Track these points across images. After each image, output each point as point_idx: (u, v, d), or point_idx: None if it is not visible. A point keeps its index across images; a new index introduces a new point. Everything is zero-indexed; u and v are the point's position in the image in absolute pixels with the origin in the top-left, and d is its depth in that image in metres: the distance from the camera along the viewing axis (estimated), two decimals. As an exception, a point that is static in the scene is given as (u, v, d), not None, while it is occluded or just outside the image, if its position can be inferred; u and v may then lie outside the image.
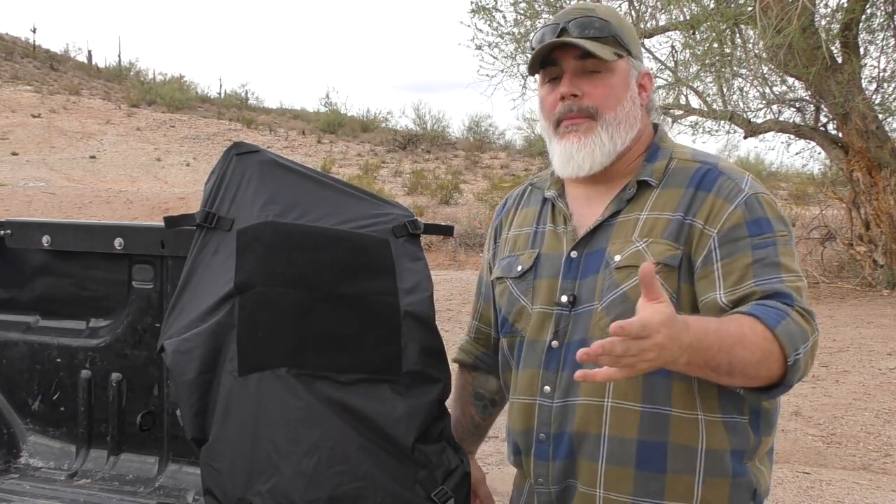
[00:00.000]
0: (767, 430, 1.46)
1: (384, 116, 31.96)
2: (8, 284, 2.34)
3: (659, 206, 1.45)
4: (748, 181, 1.44)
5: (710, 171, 1.45)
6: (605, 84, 1.47)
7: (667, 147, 1.53)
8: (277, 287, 1.67)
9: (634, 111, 1.50)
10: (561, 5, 10.88)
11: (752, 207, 1.40)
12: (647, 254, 1.40)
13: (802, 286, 1.36)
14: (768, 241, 1.38)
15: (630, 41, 1.51)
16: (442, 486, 1.65)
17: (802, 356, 1.29)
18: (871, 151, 10.06)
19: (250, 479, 1.58)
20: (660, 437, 1.40)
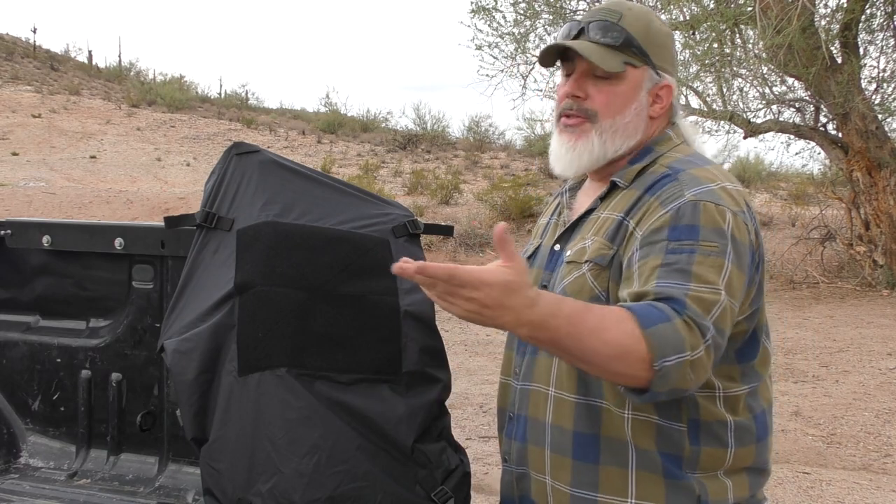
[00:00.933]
0: (714, 444, 1.40)
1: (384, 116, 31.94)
2: (8, 284, 2.34)
3: (614, 207, 1.46)
4: (699, 190, 1.36)
5: (667, 177, 1.42)
6: (609, 91, 1.47)
7: (659, 150, 1.51)
8: (277, 287, 1.67)
9: (636, 122, 1.49)
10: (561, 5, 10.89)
11: (682, 213, 1.34)
12: (588, 251, 1.43)
13: (710, 300, 1.27)
14: (685, 247, 1.31)
15: (655, 51, 1.49)
16: (442, 485, 1.65)
17: (674, 365, 1.21)
18: (871, 151, 10.07)
19: (250, 479, 1.58)
20: (593, 429, 1.41)
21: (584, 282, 1.41)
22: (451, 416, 1.78)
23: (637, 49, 1.47)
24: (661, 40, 1.51)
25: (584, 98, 1.49)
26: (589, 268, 1.41)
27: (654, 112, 1.51)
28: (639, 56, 1.48)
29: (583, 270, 1.42)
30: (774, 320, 8.69)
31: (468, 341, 7.43)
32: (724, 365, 1.39)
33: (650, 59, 1.49)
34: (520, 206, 15.13)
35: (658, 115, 1.52)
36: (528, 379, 1.51)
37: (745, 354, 1.44)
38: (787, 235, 13.33)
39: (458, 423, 4.92)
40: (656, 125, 1.53)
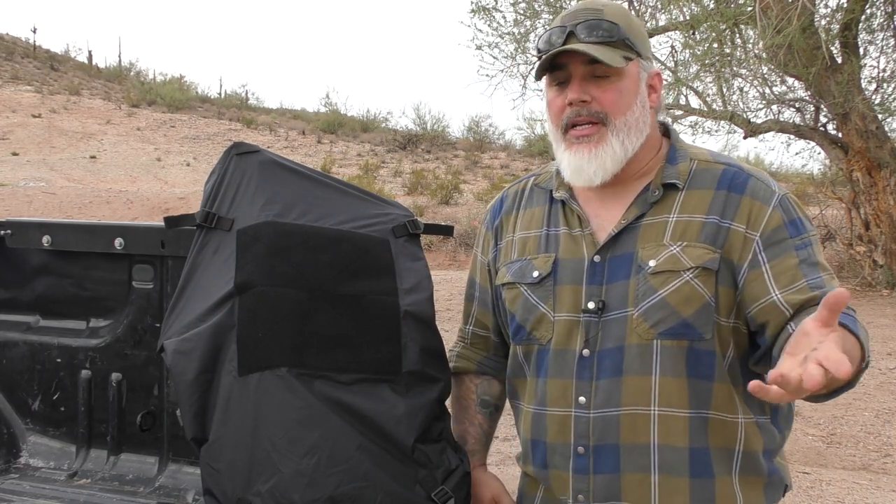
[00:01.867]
0: (787, 426, 1.49)
1: (384, 116, 31.98)
2: (8, 284, 2.34)
3: (689, 209, 1.42)
4: (773, 183, 1.45)
5: (737, 173, 1.44)
6: (614, 89, 1.43)
7: (684, 148, 1.51)
8: (277, 287, 1.67)
9: (644, 115, 1.46)
10: (561, 5, 10.89)
11: (786, 208, 1.41)
12: (684, 258, 1.39)
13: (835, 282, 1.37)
14: (806, 241, 1.40)
15: (639, 42, 1.46)
16: (442, 485, 1.65)
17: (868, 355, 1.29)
18: (871, 151, 10.07)
19: (250, 479, 1.58)
20: (703, 441, 1.39)
21: (692, 289, 1.38)
22: (451, 416, 1.78)
23: (629, 41, 1.44)
24: (640, 31, 1.49)
25: (590, 102, 1.43)
26: (695, 274, 1.38)
27: (653, 102, 1.49)
28: (632, 49, 1.45)
29: (685, 278, 1.38)
30: (774, 320, 8.66)
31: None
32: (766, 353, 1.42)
33: (641, 51, 1.47)
34: (520, 206, 15.10)
35: (655, 104, 1.50)
36: (611, 404, 1.42)
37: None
38: (787, 235, 13.27)
39: (458, 423, 4.91)
40: (654, 116, 1.51)
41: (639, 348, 1.39)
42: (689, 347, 1.39)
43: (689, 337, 1.38)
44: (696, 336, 1.39)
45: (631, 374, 1.41)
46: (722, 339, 1.40)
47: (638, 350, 1.39)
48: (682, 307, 1.37)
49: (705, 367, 1.40)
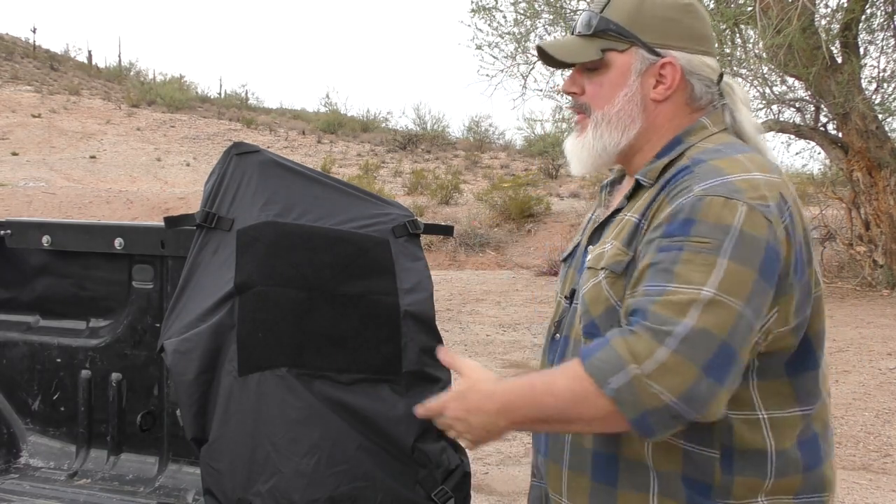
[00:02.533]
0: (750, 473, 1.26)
1: (384, 116, 31.99)
2: (8, 284, 2.34)
3: (637, 208, 1.33)
4: (713, 182, 1.22)
5: (685, 169, 1.28)
6: (597, 82, 1.39)
7: (689, 141, 1.36)
8: (277, 287, 1.67)
9: (630, 109, 1.37)
10: (561, 5, 10.89)
11: (684, 208, 1.21)
12: (605, 257, 1.32)
13: (686, 300, 1.14)
14: (675, 244, 1.19)
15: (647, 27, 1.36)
16: (442, 485, 1.65)
17: (625, 384, 1.13)
18: (871, 151, 10.07)
19: (250, 478, 1.58)
20: (611, 448, 1.30)
21: (600, 290, 1.30)
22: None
23: (616, 32, 1.36)
24: (661, 14, 1.37)
25: (579, 93, 1.42)
26: (605, 275, 1.30)
27: (658, 94, 1.37)
28: (620, 38, 1.36)
29: (599, 278, 1.31)
30: (774, 320, 8.66)
31: (468, 341, 7.43)
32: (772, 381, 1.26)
33: (640, 39, 1.36)
34: (520, 206, 15.14)
35: (662, 97, 1.37)
36: None
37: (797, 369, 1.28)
38: (787, 235, 13.26)
39: (458, 423, 4.91)
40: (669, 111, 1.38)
41: (574, 341, 1.37)
42: None
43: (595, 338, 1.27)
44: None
45: None
46: None
47: (574, 343, 1.37)
48: (593, 307, 1.31)
49: None
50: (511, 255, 14.23)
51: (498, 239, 14.76)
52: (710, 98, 1.39)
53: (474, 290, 10.31)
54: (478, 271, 13.13)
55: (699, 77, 1.37)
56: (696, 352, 1.13)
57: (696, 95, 1.38)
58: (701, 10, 1.41)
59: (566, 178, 21.59)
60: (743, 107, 1.40)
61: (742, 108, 1.40)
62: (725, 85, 1.39)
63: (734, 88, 1.39)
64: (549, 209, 15.55)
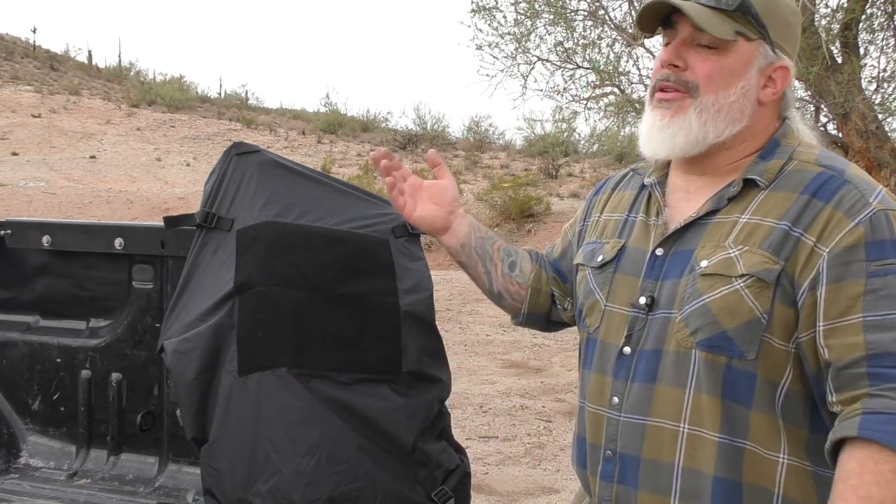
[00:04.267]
0: None
1: (384, 116, 32.01)
2: (8, 284, 2.34)
3: (763, 211, 1.23)
4: (880, 194, 1.18)
5: (832, 178, 1.21)
6: (714, 62, 1.26)
7: (789, 145, 1.29)
8: (277, 287, 1.67)
9: (743, 104, 1.27)
10: (561, 5, 10.89)
11: (877, 226, 1.15)
12: (739, 263, 1.21)
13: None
14: (890, 268, 1.12)
15: (776, 25, 1.27)
16: (442, 485, 1.65)
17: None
18: (871, 151, 10.07)
19: (250, 479, 1.58)
20: (735, 474, 1.21)
21: (741, 300, 1.19)
22: (451, 416, 1.78)
23: (754, 18, 1.25)
24: (785, 15, 1.28)
25: (683, 69, 1.28)
26: (747, 284, 1.19)
27: (766, 97, 1.28)
28: (755, 27, 1.26)
29: (735, 286, 1.20)
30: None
31: (468, 341, 7.43)
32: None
33: (768, 33, 1.26)
34: (520, 206, 15.14)
35: (769, 100, 1.29)
36: (639, 412, 1.27)
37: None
38: (787, 235, 13.27)
39: (458, 423, 4.93)
40: (767, 115, 1.31)
41: (676, 356, 1.25)
42: (727, 365, 1.21)
43: (727, 353, 1.20)
44: (735, 353, 1.20)
45: (664, 383, 1.26)
46: (771, 362, 1.20)
47: (675, 357, 1.25)
48: (725, 318, 1.20)
49: (742, 391, 1.21)
50: (511, 255, 14.21)
51: (498, 239, 14.74)
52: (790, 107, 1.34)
53: (474, 290, 10.29)
54: (478, 271, 13.10)
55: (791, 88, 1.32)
56: None
57: (787, 104, 1.33)
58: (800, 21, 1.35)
59: (566, 178, 21.60)
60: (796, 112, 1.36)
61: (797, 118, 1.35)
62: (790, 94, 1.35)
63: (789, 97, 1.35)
64: (550, 209, 15.56)
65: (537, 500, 3.93)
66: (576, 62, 11.10)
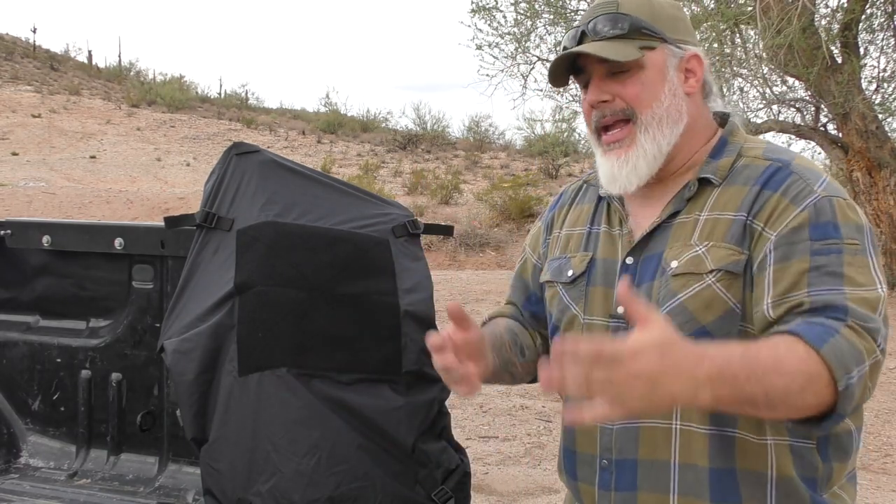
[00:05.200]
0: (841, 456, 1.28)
1: (384, 116, 32.01)
2: (8, 284, 2.34)
3: (720, 206, 1.30)
4: (824, 182, 1.26)
5: (780, 170, 1.28)
6: (635, 82, 1.33)
7: (736, 142, 1.37)
8: (277, 287, 1.67)
9: (676, 103, 1.35)
10: (562, 5, 10.89)
11: (821, 210, 1.22)
12: (708, 259, 1.26)
13: (872, 298, 1.17)
14: (832, 247, 1.20)
15: (666, 27, 1.35)
16: (442, 485, 1.65)
17: (857, 380, 1.11)
18: (871, 151, 10.07)
19: (250, 478, 1.58)
20: (728, 462, 1.25)
21: (714, 294, 1.25)
22: (451, 416, 1.78)
23: (647, 30, 1.34)
24: (669, 12, 1.37)
25: (612, 100, 1.35)
26: (717, 278, 1.25)
27: (690, 88, 1.36)
28: (652, 36, 1.34)
29: (707, 282, 1.25)
30: (774, 320, 8.66)
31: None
32: None
33: (665, 35, 1.35)
34: (520, 206, 15.15)
35: (694, 89, 1.36)
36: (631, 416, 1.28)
37: None
38: (787, 235, 13.27)
39: (458, 423, 4.93)
40: (696, 104, 1.37)
41: None
42: None
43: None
44: None
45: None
46: None
47: None
48: (702, 313, 1.25)
49: None
50: (511, 255, 14.23)
51: (498, 239, 14.76)
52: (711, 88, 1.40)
53: (474, 290, 10.31)
54: (478, 271, 13.14)
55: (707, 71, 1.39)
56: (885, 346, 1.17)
57: (708, 87, 1.39)
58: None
59: (566, 178, 21.60)
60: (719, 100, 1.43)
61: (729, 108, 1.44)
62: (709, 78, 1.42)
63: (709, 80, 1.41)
64: (549, 209, 15.54)
65: (537, 500, 3.93)
66: (576, 62, 11.09)
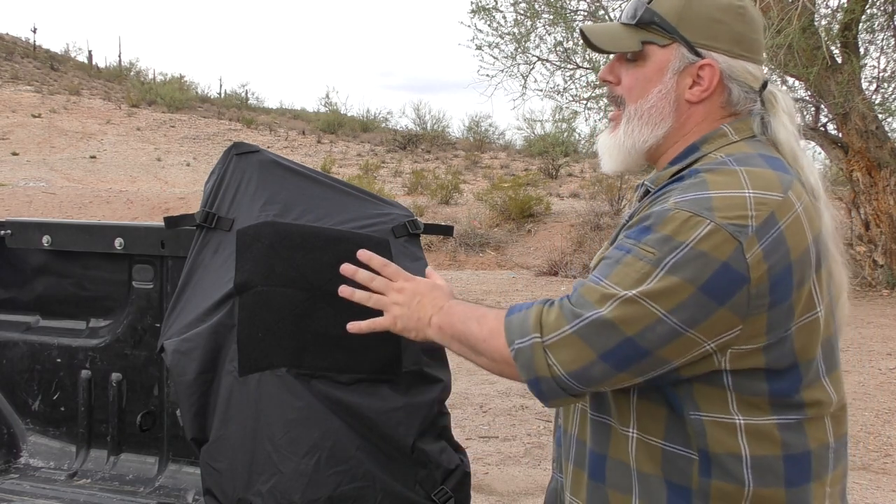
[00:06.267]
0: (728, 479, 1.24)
1: (384, 116, 32.03)
2: (8, 284, 2.34)
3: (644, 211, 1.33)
4: (690, 196, 1.22)
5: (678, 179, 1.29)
6: (633, 73, 1.35)
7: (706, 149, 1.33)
8: (277, 287, 1.67)
9: (662, 107, 1.34)
10: (561, 5, 10.89)
11: (651, 216, 1.23)
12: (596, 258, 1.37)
13: (608, 294, 1.19)
14: (626, 245, 1.23)
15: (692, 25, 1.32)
16: (442, 485, 1.65)
17: (525, 347, 1.23)
18: (871, 151, 10.07)
19: (250, 479, 1.58)
20: (603, 448, 1.34)
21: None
22: (451, 416, 1.78)
23: (660, 25, 1.33)
24: (708, 13, 1.33)
25: (615, 83, 1.38)
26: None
27: (694, 96, 1.33)
28: (663, 33, 1.33)
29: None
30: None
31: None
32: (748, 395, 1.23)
33: (685, 36, 1.32)
34: (520, 206, 15.14)
35: (699, 98, 1.33)
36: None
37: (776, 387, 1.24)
38: (787, 235, 13.26)
39: (458, 423, 4.93)
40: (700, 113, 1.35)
41: None
42: None
43: None
44: None
45: None
46: None
47: None
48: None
49: None
50: (511, 255, 14.24)
51: (498, 239, 14.76)
52: (748, 105, 1.34)
53: (474, 290, 10.30)
54: (478, 271, 13.14)
55: (739, 83, 1.33)
56: (597, 339, 1.20)
57: (733, 101, 1.34)
58: (754, 15, 1.35)
59: (566, 177, 21.60)
60: (783, 115, 1.35)
61: (782, 117, 1.35)
62: (769, 93, 1.35)
63: (777, 97, 1.35)
64: (549, 209, 15.56)
65: (537, 500, 3.93)
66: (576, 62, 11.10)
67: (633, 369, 1.21)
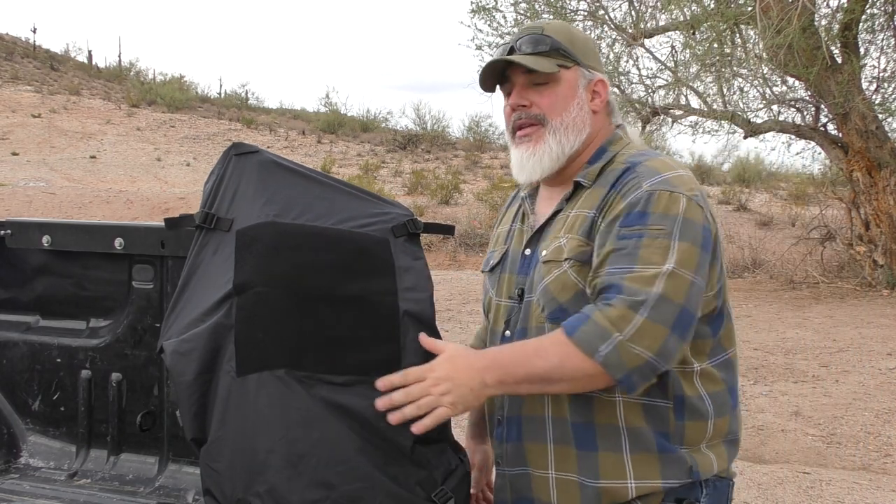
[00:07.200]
0: (696, 416, 1.51)
1: (384, 116, 32.03)
2: (8, 284, 2.34)
3: (586, 204, 1.56)
4: (656, 180, 1.48)
5: (627, 171, 1.53)
6: (550, 93, 1.60)
7: (613, 149, 1.63)
8: (276, 287, 1.67)
9: (581, 116, 1.62)
10: (561, 5, 10.90)
11: (637, 202, 1.46)
12: (566, 249, 1.53)
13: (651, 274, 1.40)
14: (634, 232, 1.44)
15: (580, 52, 1.63)
16: (442, 486, 1.65)
17: (612, 350, 1.37)
18: (871, 151, 10.07)
19: (249, 479, 1.58)
20: (587, 417, 1.51)
21: (567, 278, 1.51)
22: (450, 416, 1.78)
23: (565, 51, 1.61)
24: (583, 43, 1.66)
25: (529, 106, 1.62)
26: (570, 265, 1.52)
27: (595, 106, 1.64)
28: (568, 57, 1.61)
29: (564, 268, 1.52)
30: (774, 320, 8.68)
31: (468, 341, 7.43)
32: (700, 340, 1.50)
33: (579, 59, 1.63)
34: (520, 206, 15.12)
35: (599, 108, 1.65)
36: None
37: (713, 329, 1.54)
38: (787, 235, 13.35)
39: (458, 423, 4.92)
40: (600, 121, 1.65)
41: (537, 330, 1.56)
42: None
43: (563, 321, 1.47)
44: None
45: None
46: None
47: (536, 331, 1.56)
48: (560, 294, 1.52)
49: None
50: (511, 255, 14.22)
51: (498, 239, 14.74)
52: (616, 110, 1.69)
53: (474, 290, 10.30)
54: (478, 271, 13.13)
55: (612, 97, 1.69)
56: (664, 315, 1.38)
57: (612, 107, 1.68)
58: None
59: (566, 178, 21.54)
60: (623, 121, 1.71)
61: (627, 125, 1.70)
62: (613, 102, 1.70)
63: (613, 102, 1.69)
64: (549, 209, 15.53)
65: (537, 500, 3.92)
66: (576, 62, 11.09)
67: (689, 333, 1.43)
